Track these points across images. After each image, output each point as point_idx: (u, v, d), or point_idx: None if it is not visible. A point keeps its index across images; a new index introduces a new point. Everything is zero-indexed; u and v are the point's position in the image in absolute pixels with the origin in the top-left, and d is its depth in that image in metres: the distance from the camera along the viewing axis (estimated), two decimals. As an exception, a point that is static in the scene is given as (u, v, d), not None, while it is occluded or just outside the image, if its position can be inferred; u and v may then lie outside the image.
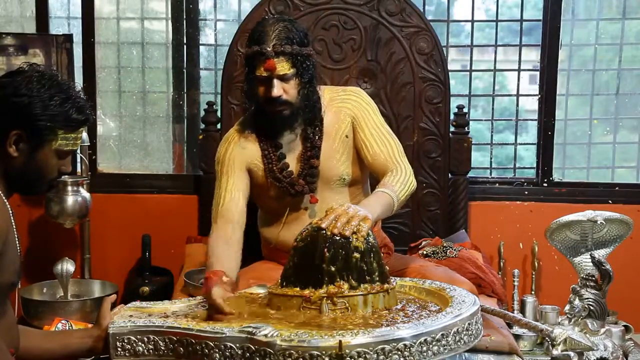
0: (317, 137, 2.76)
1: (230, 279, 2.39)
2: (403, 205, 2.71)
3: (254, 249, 3.07)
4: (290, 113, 2.68)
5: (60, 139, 1.97)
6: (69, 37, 3.70)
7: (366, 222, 2.20)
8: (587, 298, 2.84)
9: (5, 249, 1.91)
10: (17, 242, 1.99)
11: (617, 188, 3.81)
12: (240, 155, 2.78)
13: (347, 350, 1.81)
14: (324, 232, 2.14)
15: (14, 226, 1.98)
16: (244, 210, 2.74)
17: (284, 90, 2.63)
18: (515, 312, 3.40)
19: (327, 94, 2.82)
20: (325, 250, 2.12)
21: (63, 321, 2.96)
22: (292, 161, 2.78)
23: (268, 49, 2.58)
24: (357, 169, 2.82)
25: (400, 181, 2.58)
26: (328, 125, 2.77)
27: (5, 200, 1.96)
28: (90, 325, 2.56)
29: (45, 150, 1.97)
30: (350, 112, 2.79)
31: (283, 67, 2.60)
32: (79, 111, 1.99)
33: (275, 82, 2.61)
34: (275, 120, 2.70)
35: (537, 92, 3.83)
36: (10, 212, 1.97)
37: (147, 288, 3.44)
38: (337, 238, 2.13)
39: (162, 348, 2.05)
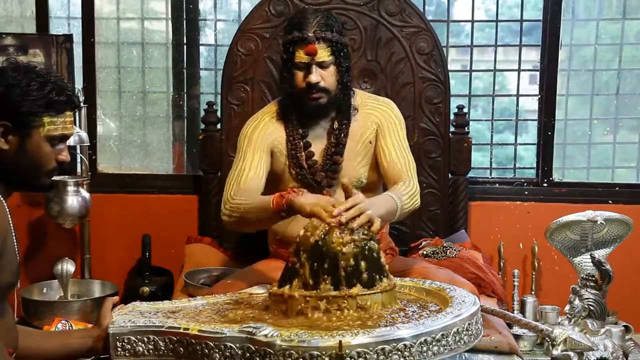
0: (342, 134, 2.79)
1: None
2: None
3: (260, 245, 3.07)
4: (327, 101, 2.72)
5: (47, 124, 1.94)
6: (69, 37, 3.70)
7: (376, 222, 2.21)
8: (587, 298, 2.84)
9: (3, 250, 1.91)
10: (15, 242, 1.99)
11: (617, 188, 3.81)
12: (268, 136, 2.81)
13: (347, 350, 1.81)
14: (323, 232, 2.15)
15: (12, 226, 1.97)
16: (263, 188, 2.74)
17: (322, 78, 2.68)
18: (515, 312, 3.40)
19: (359, 97, 2.86)
20: (325, 250, 2.12)
21: (63, 321, 2.96)
22: (316, 154, 2.81)
23: (310, 34, 2.64)
24: (375, 175, 2.86)
25: (408, 194, 2.62)
26: (354, 127, 2.81)
27: (3, 201, 1.96)
28: (90, 325, 2.56)
29: (35, 138, 1.94)
30: (377, 119, 2.83)
31: (323, 53, 2.66)
32: (60, 93, 1.95)
33: (314, 68, 2.66)
34: (310, 109, 2.74)
35: (537, 92, 3.83)
36: (8, 212, 1.96)
37: (147, 288, 3.45)
38: (336, 239, 2.13)
39: (162, 348, 2.05)
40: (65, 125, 1.99)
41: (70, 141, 3.32)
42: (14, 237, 1.98)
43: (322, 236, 2.14)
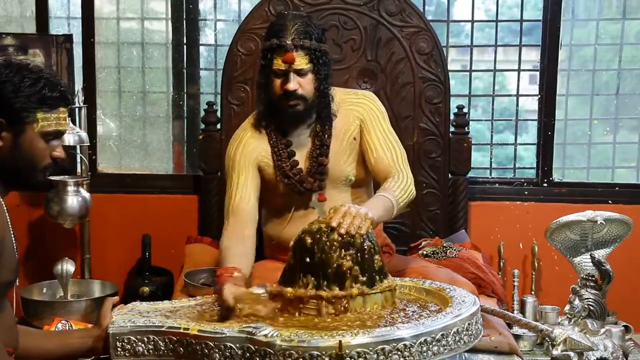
0: (326, 135, 2.78)
1: (242, 274, 2.43)
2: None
3: (257, 247, 3.07)
4: (304, 108, 2.72)
5: (41, 120, 1.94)
6: (69, 37, 3.70)
7: (367, 221, 2.20)
8: (587, 298, 2.84)
9: (2, 249, 1.91)
10: (14, 240, 1.99)
11: (617, 188, 3.81)
12: (251, 153, 2.81)
13: (347, 351, 1.81)
14: (324, 232, 2.14)
15: (11, 225, 1.98)
16: (256, 207, 2.77)
17: (300, 85, 2.67)
18: (515, 312, 3.40)
19: (338, 95, 2.85)
20: (325, 250, 2.12)
21: (63, 321, 2.95)
22: (301, 158, 2.81)
23: (287, 42, 2.62)
24: (362, 170, 2.85)
25: (400, 187, 2.60)
26: (337, 126, 2.80)
27: (1, 199, 1.96)
28: (90, 325, 2.56)
29: (29, 134, 1.94)
30: (359, 115, 2.82)
31: (301, 61, 2.64)
32: (53, 89, 1.95)
33: (292, 75, 2.65)
34: (288, 115, 2.73)
35: (537, 92, 3.83)
36: (6, 210, 1.96)
37: (147, 288, 3.45)
38: (337, 238, 2.13)
39: (162, 348, 2.05)
40: (59, 121, 1.98)
41: (70, 141, 3.34)
42: (13, 236, 1.98)
43: (323, 248, 2.13)
